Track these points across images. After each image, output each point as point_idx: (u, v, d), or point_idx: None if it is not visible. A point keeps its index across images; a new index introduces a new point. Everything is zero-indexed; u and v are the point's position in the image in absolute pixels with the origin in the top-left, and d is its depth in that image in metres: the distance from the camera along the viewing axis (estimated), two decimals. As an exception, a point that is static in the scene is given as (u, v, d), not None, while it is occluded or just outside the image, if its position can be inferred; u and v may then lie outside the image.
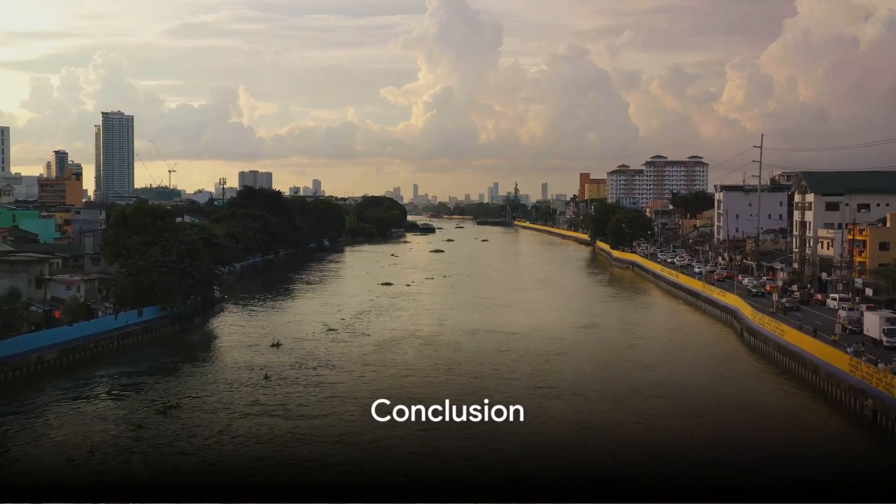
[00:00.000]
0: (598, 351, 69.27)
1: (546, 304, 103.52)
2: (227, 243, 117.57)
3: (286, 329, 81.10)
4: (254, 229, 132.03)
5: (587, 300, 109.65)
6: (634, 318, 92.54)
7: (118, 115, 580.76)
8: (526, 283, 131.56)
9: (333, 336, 76.78)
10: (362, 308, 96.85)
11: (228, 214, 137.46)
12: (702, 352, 70.85)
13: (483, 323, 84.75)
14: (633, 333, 79.79)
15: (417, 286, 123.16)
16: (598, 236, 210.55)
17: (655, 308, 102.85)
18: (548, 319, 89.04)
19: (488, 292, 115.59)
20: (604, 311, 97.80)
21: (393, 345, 72.19)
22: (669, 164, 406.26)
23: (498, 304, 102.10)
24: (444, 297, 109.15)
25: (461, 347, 70.53)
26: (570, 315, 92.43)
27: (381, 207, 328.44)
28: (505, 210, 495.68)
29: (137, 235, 76.31)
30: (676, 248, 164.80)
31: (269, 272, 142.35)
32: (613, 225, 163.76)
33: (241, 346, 71.63)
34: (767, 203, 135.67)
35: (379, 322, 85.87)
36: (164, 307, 73.69)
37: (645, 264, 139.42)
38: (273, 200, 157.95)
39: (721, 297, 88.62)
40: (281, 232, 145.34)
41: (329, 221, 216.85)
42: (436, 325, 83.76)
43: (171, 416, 48.53)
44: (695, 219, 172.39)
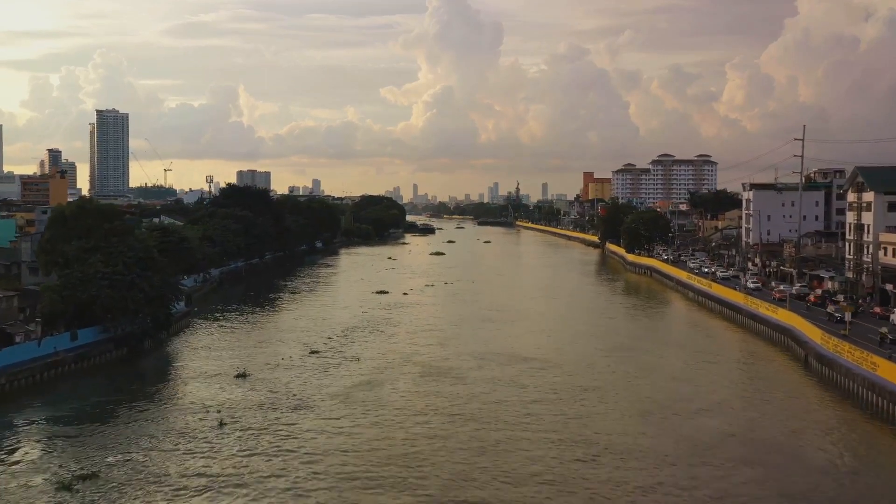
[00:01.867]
0: (638, 386, 56.22)
1: (561, 318, 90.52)
2: (202, 247, 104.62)
3: (260, 352, 68.12)
4: (234, 231, 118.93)
5: (607, 313, 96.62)
6: (665, 337, 79.45)
7: (113, 113, 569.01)
8: (535, 291, 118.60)
9: (315, 362, 63.83)
10: (353, 323, 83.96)
11: (207, 215, 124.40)
12: (762, 387, 57.74)
13: (492, 344, 71.75)
14: (671, 360, 66.77)
15: (416, 295, 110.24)
16: (609, 238, 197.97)
17: (686, 324, 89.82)
18: (566, 338, 76.05)
19: (495, 302, 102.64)
20: (629, 328, 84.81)
21: (384, 377, 59.15)
22: (677, 163, 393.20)
23: (506, 317, 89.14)
24: (445, 309, 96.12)
25: (467, 381, 57.46)
26: (591, 333, 79.42)
27: (379, 207, 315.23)
28: (506, 210, 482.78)
29: (79, 240, 63.19)
30: (696, 251, 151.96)
31: (253, 278, 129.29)
32: (628, 227, 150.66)
33: (198, 376, 58.57)
34: (803, 203, 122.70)
35: (370, 343, 72.91)
36: (105, 328, 60.59)
37: (667, 270, 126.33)
38: (259, 199, 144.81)
39: (771, 313, 75.57)
40: (266, 233, 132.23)
41: (323, 222, 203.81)
42: (436, 346, 70.73)
43: (78, 492, 35.53)
44: (716, 220, 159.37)
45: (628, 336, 78.15)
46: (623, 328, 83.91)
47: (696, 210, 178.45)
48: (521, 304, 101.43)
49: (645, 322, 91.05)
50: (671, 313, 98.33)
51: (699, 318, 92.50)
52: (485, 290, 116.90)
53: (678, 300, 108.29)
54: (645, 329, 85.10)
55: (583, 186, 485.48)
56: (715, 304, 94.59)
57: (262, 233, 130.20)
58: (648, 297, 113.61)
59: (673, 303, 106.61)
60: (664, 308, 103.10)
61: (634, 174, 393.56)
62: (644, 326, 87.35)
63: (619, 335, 78.44)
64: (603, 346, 72.11)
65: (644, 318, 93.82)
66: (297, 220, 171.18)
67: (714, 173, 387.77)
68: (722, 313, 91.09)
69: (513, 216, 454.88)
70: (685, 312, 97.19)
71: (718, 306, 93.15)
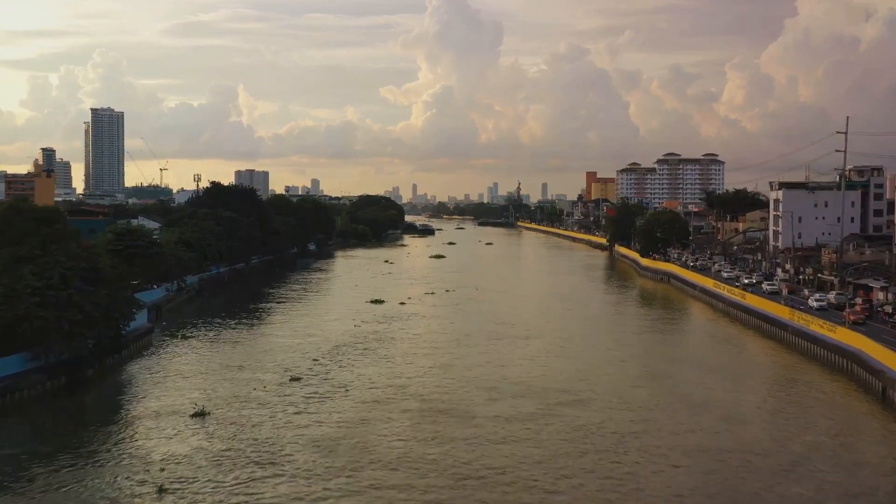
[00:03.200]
0: (689, 431, 45.46)
1: (580, 335, 79.78)
2: (176, 252, 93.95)
3: (230, 379, 57.48)
4: (215, 234, 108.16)
5: (629, 327, 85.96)
6: (705, 360, 68.53)
7: (108, 112, 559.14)
8: (545, 300, 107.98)
9: (295, 393, 53.26)
10: (343, 340, 73.41)
11: (186, 216, 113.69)
12: (841, 431, 47.13)
13: (503, 369, 61.03)
14: (719, 392, 56.12)
15: (415, 304, 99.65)
16: (618, 240, 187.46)
17: (723, 342, 79.13)
18: (589, 361, 65.34)
19: (502, 313, 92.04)
20: (659, 348, 74.15)
21: (376, 414, 48.51)
22: (683, 162, 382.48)
23: (517, 332, 78.48)
24: (447, 322, 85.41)
25: (476, 422, 46.78)
26: (617, 354, 68.69)
27: (377, 207, 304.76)
28: (507, 210, 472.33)
29: (8, 247, 52.45)
30: (714, 255, 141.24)
31: (236, 285, 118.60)
32: (643, 229, 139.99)
33: (147, 415, 47.84)
34: (837, 204, 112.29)
35: (362, 366, 62.27)
36: (36, 354, 49.82)
37: (689, 277, 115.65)
38: (245, 199, 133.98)
39: (829, 333, 64.83)
40: (251, 236, 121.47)
41: (317, 223, 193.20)
42: (438, 373, 60.01)
43: None
44: (737, 222, 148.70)
45: (661, 358, 67.46)
46: (653, 348, 73.17)
47: (713, 211, 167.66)
48: (532, 317, 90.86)
49: (676, 340, 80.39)
50: (701, 328, 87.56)
51: (734, 334, 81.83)
52: (490, 299, 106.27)
53: (704, 312, 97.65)
54: (678, 349, 74.40)
55: (585, 186, 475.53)
56: (750, 318, 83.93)
57: (247, 235, 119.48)
58: (670, 307, 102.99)
59: (699, 315, 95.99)
60: (691, 322, 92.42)
61: (640, 173, 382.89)
62: (676, 345, 76.72)
63: (650, 356, 67.76)
64: (634, 371, 61.45)
65: (673, 335, 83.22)
66: (288, 222, 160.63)
67: (721, 173, 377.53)
68: (759, 328, 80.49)
69: (514, 217, 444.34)
70: (716, 327, 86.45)
71: (755, 320, 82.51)
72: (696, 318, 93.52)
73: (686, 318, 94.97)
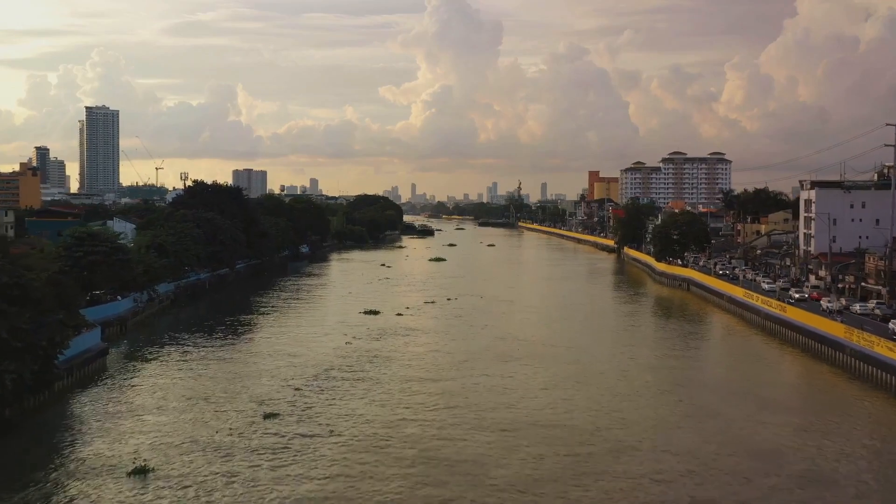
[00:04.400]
0: (769, 496, 35.50)
1: (601, 355, 69.69)
2: (147, 258, 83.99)
3: (190, 416, 47.59)
4: (193, 237, 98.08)
5: (654, 345, 76.05)
6: (747, 386, 58.57)
7: (103, 110, 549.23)
8: (558, 311, 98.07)
9: (265, 437, 43.37)
10: (331, 361, 63.62)
11: (163, 217, 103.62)
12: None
13: (519, 405, 51.03)
14: (784, 435, 46.27)
15: (413, 316, 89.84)
16: (627, 242, 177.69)
17: (763, 363, 69.34)
18: (618, 391, 55.32)
19: (511, 328, 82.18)
20: (696, 374, 64.13)
21: (365, 469, 38.57)
22: (689, 161, 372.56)
23: (530, 352, 68.53)
24: (450, 339, 75.37)
25: (489, 482, 36.85)
26: (650, 383, 58.65)
27: (375, 207, 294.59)
28: (508, 210, 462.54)
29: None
30: (734, 259, 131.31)
31: (217, 294, 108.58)
32: (660, 231, 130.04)
33: (72, 472, 37.83)
34: (876, 204, 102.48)
35: (350, 398, 52.42)
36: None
37: (714, 285, 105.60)
38: (230, 199, 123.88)
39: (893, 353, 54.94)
40: (235, 239, 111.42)
41: (310, 224, 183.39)
42: (441, 409, 50.03)
43: None
44: (758, 223, 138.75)
45: (702, 386, 57.45)
46: (689, 373, 62.96)
47: (730, 211, 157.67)
48: (545, 332, 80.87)
49: (712, 362, 70.15)
50: (737, 347, 77.36)
51: (776, 355, 71.96)
52: (496, 310, 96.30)
53: (734, 325, 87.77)
54: (717, 374, 64.19)
55: (588, 186, 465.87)
56: (791, 334, 74.03)
57: (230, 238, 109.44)
58: (695, 320, 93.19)
59: (730, 330, 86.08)
60: (723, 338, 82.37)
61: (644, 173, 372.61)
62: (714, 368, 66.56)
63: (688, 384, 57.73)
64: (675, 404, 51.48)
65: (708, 356, 73.11)
66: (278, 223, 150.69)
67: (728, 172, 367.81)
68: (805, 347, 70.59)
69: (515, 217, 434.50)
70: (753, 345, 76.45)
71: (799, 337, 72.61)
72: (728, 334, 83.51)
73: (716, 333, 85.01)
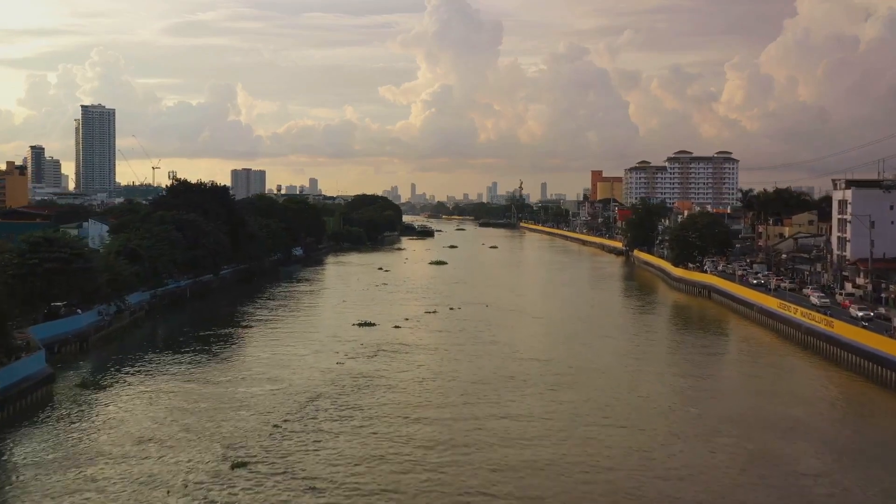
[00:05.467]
0: None
1: (627, 379, 60.80)
2: (116, 265, 75.20)
3: (134, 468, 38.74)
4: (171, 241, 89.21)
5: (685, 366, 67.30)
6: (809, 423, 49.91)
7: (99, 109, 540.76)
8: (570, 322, 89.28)
9: (227, 495, 34.72)
10: (318, 388, 55.09)
11: (139, 219, 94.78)
12: None
13: (546, 459, 42.18)
14: (877, 497, 37.53)
15: (413, 328, 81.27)
16: (638, 245, 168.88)
17: (816, 391, 60.56)
18: (658, 429, 46.57)
19: (522, 344, 73.48)
20: (747, 407, 55.11)
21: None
22: (695, 161, 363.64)
23: (545, 376, 59.73)
24: (453, 359, 66.46)
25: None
26: (693, 417, 49.88)
27: (373, 208, 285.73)
28: (509, 210, 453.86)
29: None
30: (755, 263, 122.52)
31: (199, 303, 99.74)
32: (678, 234, 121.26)
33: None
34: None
35: (337, 440, 43.75)
36: None
37: (742, 294, 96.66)
38: (214, 199, 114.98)
39: None
40: (219, 242, 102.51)
41: (305, 225, 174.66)
42: (443, 457, 41.20)
43: None
44: (781, 225, 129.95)
45: (757, 422, 48.43)
46: (738, 405, 53.72)
47: (749, 212, 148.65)
48: (562, 349, 71.94)
49: (757, 391, 60.84)
50: (784, 371, 68.24)
51: (823, 378, 63.15)
52: (504, 322, 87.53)
53: (768, 341, 79.05)
54: (769, 405, 54.89)
55: (591, 185, 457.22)
56: (839, 351, 65.19)
57: (213, 241, 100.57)
58: (723, 333, 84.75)
59: (765, 347, 77.32)
60: (761, 358, 72.89)
61: (649, 172, 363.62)
62: (762, 398, 57.31)
63: (741, 421, 48.73)
64: (730, 448, 42.64)
65: (751, 383, 63.72)
66: (270, 224, 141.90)
67: (735, 171, 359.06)
68: (857, 367, 61.79)
69: (516, 217, 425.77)
70: (797, 367, 67.67)
71: (849, 356, 63.80)
72: (766, 353, 74.46)
73: (751, 351, 75.91)
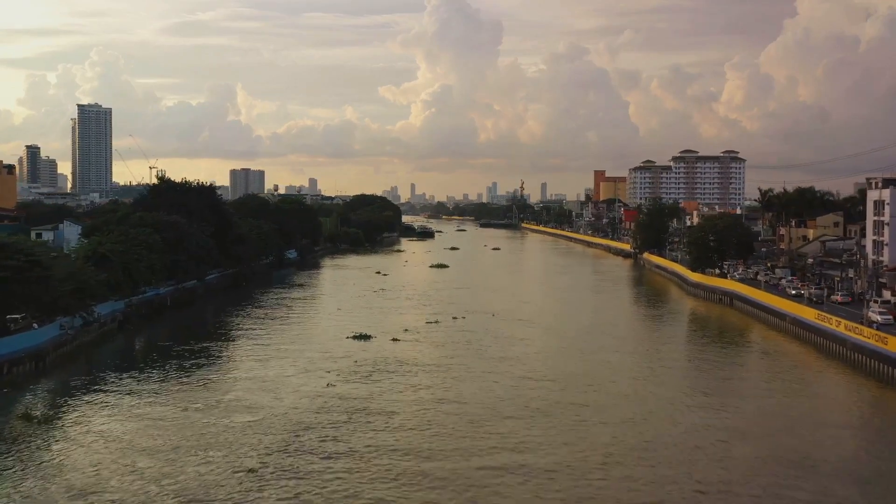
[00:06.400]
0: None
1: (662, 404, 53.09)
2: (82, 272, 67.36)
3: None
4: (147, 245, 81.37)
5: (723, 386, 59.55)
6: (889, 470, 42.16)
7: (95, 108, 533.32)
8: (589, 336, 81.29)
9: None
10: (301, 420, 47.32)
11: (115, 221, 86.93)
12: None
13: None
14: None
15: (413, 342, 73.54)
16: (648, 247, 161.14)
17: (883, 423, 52.81)
18: (711, 478, 38.75)
19: (536, 362, 65.67)
20: (812, 445, 47.35)
21: None
22: (701, 160, 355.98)
23: (566, 403, 51.96)
24: (460, 381, 58.54)
25: None
26: (756, 456, 42.06)
27: (372, 208, 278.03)
28: (510, 211, 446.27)
29: None
30: (777, 267, 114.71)
31: (181, 312, 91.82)
32: (696, 236, 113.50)
33: None
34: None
35: (317, 491, 35.86)
36: None
37: (772, 304, 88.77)
38: (200, 199, 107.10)
39: None
40: (202, 246, 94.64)
41: (300, 226, 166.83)
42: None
43: None
44: (805, 227, 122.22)
45: (833, 470, 40.69)
46: (807, 442, 46.07)
47: (768, 214, 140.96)
48: (581, 367, 64.03)
49: (817, 424, 53.04)
50: (841, 397, 60.81)
51: (886, 401, 55.44)
52: (513, 333, 79.70)
53: (807, 357, 71.30)
54: (835, 443, 47.39)
55: (594, 185, 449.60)
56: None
57: (196, 245, 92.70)
58: (752, 347, 77.07)
59: (808, 364, 69.64)
60: (804, 378, 65.35)
61: (654, 172, 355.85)
62: (824, 432, 49.53)
63: (813, 468, 40.87)
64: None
65: (806, 413, 55.99)
66: (262, 226, 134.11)
67: (742, 171, 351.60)
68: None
69: (518, 217, 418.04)
70: (853, 390, 59.94)
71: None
72: (810, 373, 66.78)
73: (793, 370, 67.98)
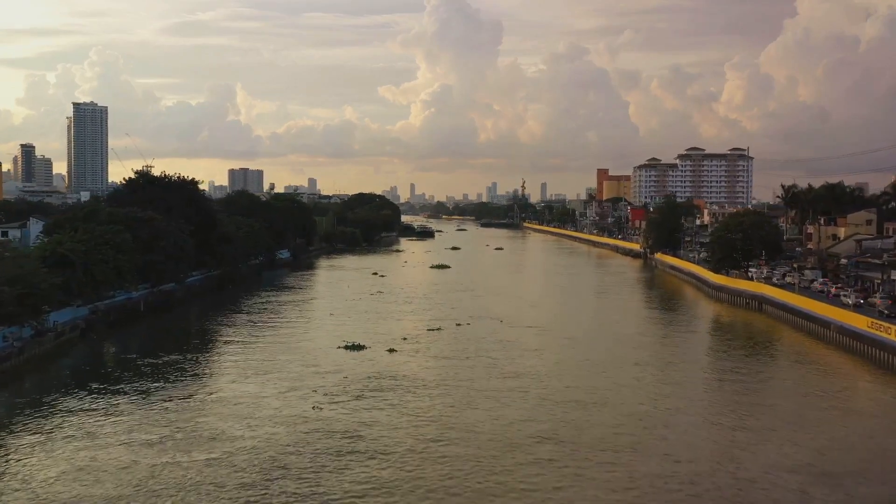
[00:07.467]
0: None
1: (706, 429, 44.57)
2: (32, 275, 58.71)
3: None
4: (115, 245, 72.66)
5: (785, 415, 50.99)
6: None
7: (91, 106, 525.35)
8: (606, 344, 72.71)
9: None
10: (277, 459, 38.83)
11: (80, 218, 78.21)
12: None
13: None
14: None
15: (412, 354, 64.93)
16: (660, 247, 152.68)
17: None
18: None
19: (549, 376, 57.03)
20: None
21: None
22: (708, 158, 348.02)
23: (597, 430, 43.42)
24: (467, 403, 49.92)
25: None
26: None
27: (370, 207, 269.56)
28: (512, 210, 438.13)
29: None
30: (806, 268, 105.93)
31: (156, 318, 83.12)
32: (720, 236, 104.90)
33: None
34: None
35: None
36: None
37: (812, 310, 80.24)
38: (181, 195, 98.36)
39: None
40: (179, 245, 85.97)
41: (294, 225, 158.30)
42: None
43: None
44: (835, 225, 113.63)
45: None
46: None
47: (791, 211, 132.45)
48: (605, 386, 55.37)
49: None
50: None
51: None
52: (524, 344, 70.93)
53: (865, 374, 62.80)
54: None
55: (596, 184, 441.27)
56: None
57: (173, 244, 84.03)
58: (810, 363, 68.36)
59: (869, 382, 61.14)
60: (869, 400, 57.12)
61: (660, 170, 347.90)
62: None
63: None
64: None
65: (867, 446, 47.77)
66: (251, 224, 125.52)
67: (749, 169, 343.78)
68: None
69: (519, 217, 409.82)
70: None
71: None
72: (872, 392, 58.32)
73: (856, 389, 59.56)
